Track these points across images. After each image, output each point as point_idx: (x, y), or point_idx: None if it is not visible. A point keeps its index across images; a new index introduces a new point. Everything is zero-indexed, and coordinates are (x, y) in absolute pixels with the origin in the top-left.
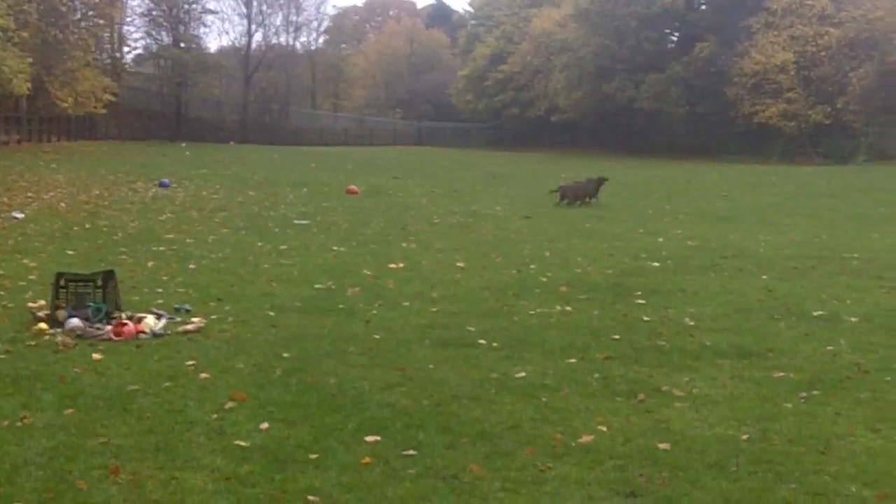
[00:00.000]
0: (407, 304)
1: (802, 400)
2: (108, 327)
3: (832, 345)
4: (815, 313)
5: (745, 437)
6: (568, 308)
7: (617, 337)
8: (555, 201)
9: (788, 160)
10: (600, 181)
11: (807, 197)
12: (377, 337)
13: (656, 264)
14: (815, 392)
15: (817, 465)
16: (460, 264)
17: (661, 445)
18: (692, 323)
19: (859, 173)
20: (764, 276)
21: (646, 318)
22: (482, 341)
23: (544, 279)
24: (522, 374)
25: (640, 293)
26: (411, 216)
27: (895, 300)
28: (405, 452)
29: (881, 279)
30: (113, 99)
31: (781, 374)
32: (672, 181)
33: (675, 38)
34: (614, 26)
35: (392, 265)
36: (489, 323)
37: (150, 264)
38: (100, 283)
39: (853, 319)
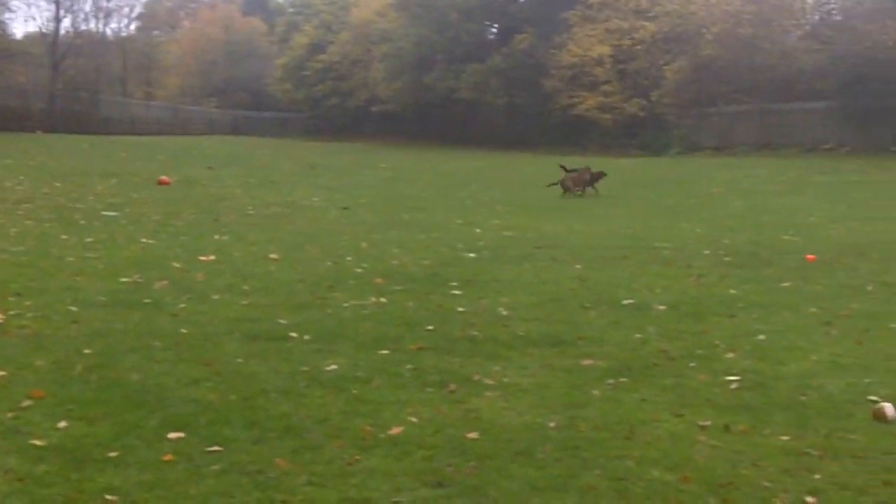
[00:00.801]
0: (217, 297)
1: (610, 387)
2: None
3: (640, 332)
4: (626, 302)
5: (552, 424)
6: (383, 299)
7: (431, 328)
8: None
9: (605, 152)
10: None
11: (621, 188)
12: (184, 331)
13: (473, 255)
14: (622, 379)
15: (622, 450)
16: (274, 256)
17: (471, 435)
18: (506, 313)
19: (672, 165)
20: (577, 266)
21: (460, 309)
22: (293, 334)
23: (360, 270)
24: (334, 366)
25: (455, 284)
26: (225, 207)
27: (702, 288)
28: (209, 449)
29: (689, 268)
30: None
31: (590, 361)
32: (491, 171)
33: (495, 30)
34: (434, 17)
35: (203, 257)
36: (301, 315)
37: None
38: None
39: (661, 307)
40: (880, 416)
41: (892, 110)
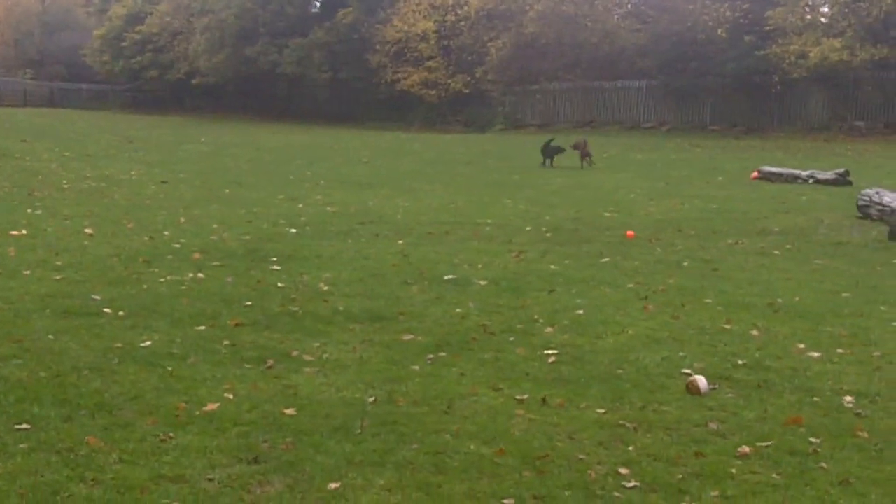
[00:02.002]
0: (28, 272)
1: (429, 362)
2: None
3: (461, 307)
4: (447, 277)
5: (371, 399)
6: (200, 275)
7: (249, 304)
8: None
9: (430, 128)
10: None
11: (445, 164)
12: None
13: (294, 230)
14: (442, 353)
15: (440, 424)
16: (89, 231)
17: (288, 411)
18: (326, 288)
19: (496, 141)
20: (400, 242)
21: (280, 285)
22: (107, 310)
23: (177, 246)
24: (148, 343)
25: (276, 259)
26: (39, 181)
27: (522, 264)
28: (18, 427)
29: (510, 243)
30: None
31: (411, 336)
32: (315, 147)
33: (318, 3)
34: None
35: (14, 232)
36: (116, 291)
37: None
38: None
39: (482, 283)
40: (693, 389)
41: (710, 89)
